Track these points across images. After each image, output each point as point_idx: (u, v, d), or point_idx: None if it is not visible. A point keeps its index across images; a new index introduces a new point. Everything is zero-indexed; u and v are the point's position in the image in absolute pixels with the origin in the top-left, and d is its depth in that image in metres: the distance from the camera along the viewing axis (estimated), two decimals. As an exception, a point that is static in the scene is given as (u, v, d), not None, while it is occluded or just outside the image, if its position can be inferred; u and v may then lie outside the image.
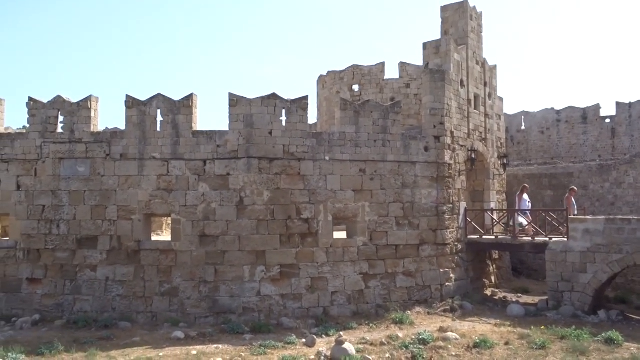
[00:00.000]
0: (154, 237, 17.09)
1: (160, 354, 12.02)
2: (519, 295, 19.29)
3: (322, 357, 11.86)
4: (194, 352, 12.12)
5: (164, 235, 18.52)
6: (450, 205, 17.97)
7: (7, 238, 16.58)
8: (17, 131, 18.04)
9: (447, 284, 17.38)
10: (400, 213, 16.92)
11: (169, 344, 12.98)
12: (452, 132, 18.36)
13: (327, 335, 13.80)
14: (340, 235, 16.95)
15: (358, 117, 16.62)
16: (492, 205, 20.99)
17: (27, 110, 16.26)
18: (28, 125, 16.45)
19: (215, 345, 12.81)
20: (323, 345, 12.76)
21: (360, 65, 26.92)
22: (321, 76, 29.08)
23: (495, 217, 19.62)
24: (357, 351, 12.08)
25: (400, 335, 13.50)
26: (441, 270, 17.36)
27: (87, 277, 15.63)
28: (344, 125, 16.51)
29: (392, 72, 26.59)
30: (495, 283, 20.59)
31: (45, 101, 16.26)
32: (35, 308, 15.55)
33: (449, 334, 13.40)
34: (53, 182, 15.99)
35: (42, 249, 15.85)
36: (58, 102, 16.20)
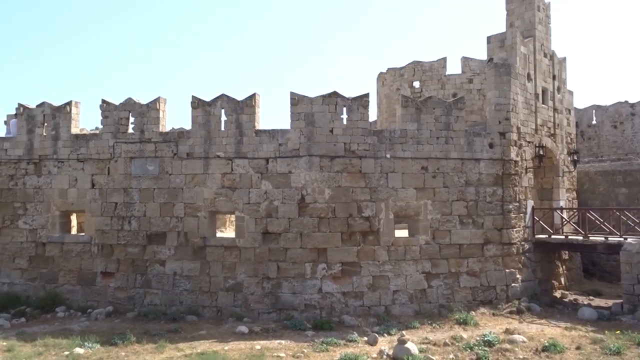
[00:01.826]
0: (218, 234, 17.55)
1: (226, 348, 12.33)
2: (591, 298, 18.43)
3: (384, 356, 11.80)
4: (258, 347, 12.35)
5: (227, 232, 18.99)
6: (517, 204, 17.39)
7: (83, 233, 17.52)
8: (91, 132, 18.98)
9: (513, 284, 16.84)
10: (464, 211, 16.54)
11: (234, 338, 13.30)
12: (518, 128, 17.75)
13: (389, 334, 13.70)
14: (402, 233, 16.78)
15: (420, 114, 16.38)
16: (562, 203, 20.13)
17: (100, 111, 17.10)
18: (101, 126, 17.28)
19: (278, 341, 13.00)
20: (385, 344, 12.69)
21: (420, 61, 26.52)
22: (381, 73, 28.87)
23: (565, 215, 18.81)
24: (420, 351, 11.94)
25: (465, 336, 13.22)
26: (507, 270, 16.83)
27: (157, 272, 16.27)
28: (405, 122, 16.32)
29: (453, 68, 26.06)
30: (564, 285, 19.75)
31: (117, 103, 17.04)
32: (108, 300, 16.35)
33: (516, 336, 12.99)
34: (124, 181, 16.74)
35: (115, 244, 16.64)
36: (129, 104, 16.93)
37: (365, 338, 13.24)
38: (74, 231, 17.99)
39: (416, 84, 26.56)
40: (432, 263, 16.10)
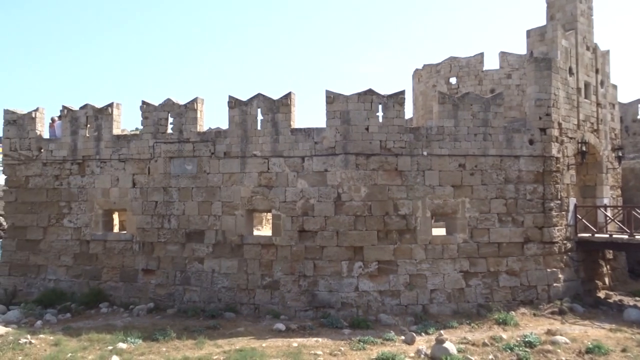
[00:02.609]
0: (255, 232, 17.72)
1: (263, 345, 12.45)
2: (637, 298, 17.79)
3: (422, 355, 11.70)
4: (295, 345, 12.43)
5: (263, 230, 19.16)
6: (558, 201, 16.93)
7: (125, 232, 17.98)
8: (131, 132, 19.43)
9: (554, 284, 16.41)
10: (503, 209, 16.22)
11: (271, 335, 13.43)
12: (559, 124, 17.28)
13: (427, 333, 13.59)
14: (439, 231, 16.58)
15: (457, 110, 16.14)
16: (606, 201, 19.49)
17: (140, 112, 17.49)
18: (141, 127, 17.68)
19: (315, 339, 13.05)
20: (422, 343, 12.59)
21: (457, 57, 26.13)
22: (417, 70, 28.59)
23: (609, 213, 18.21)
24: (459, 351, 11.80)
25: (504, 336, 12.99)
26: (548, 270, 16.42)
27: (195, 269, 16.56)
28: (442, 119, 16.11)
29: (491, 63, 25.59)
30: (609, 285, 19.12)
31: (156, 104, 17.40)
32: (149, 297, 16.74)
33: (558, 337, 12.68)
34: (164, 180, 17.09)
35: (155, 242, 17.01)
36: (168, 105, 17.27)
37: (403, 337, 13.16)
38: (116, 229, 18.48)
39: (453, 80, 26.20)
40: (470, 262, 15.85)
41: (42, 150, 18.48)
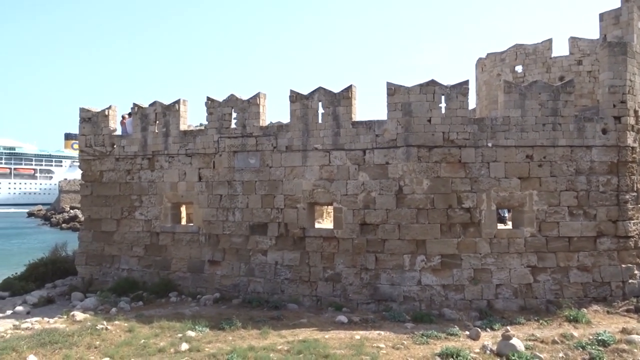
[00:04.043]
0: (317, 225, 17.88)
1: (326, 336, 12.57)
2: None
3: (488, 351, 11.44)
4: (357, 337, 12.48)
5: (324, 223, 19.29)
6: (634, 194, 16.03)
7: (192, 224, 18.63)
8: (196, 128, 20.04)
9: (630, 281, 15.57)
10: (574, 202, 15.54)
11: (333, 327, 13.53)
12: (635, 112, 16.32)
13: (492, 329, 13.29)
14: (505, 225, 16.11)
15: (524, 99, 15.57)
16: (688, 193, 18.23)
17: (205, 108, 18.02)
18: (206, 122, 18.20)
19: (377, 332, 13.04)
20: (488, 339, 12.30)
21: (523, 44, 25.16)
22: (480, 59, 27.77)
23: (691, 207, 17.03)
24: (526, 348, 11.46)
25: (576, 334, 12.48)
26: (623, 265, 15.60)
27: (259, 261, 16.92)
28: (508, 109, 15.60)
29: (560, 49, 24.48)
30: (691, 282, 17.92)
31: (220, 100, 17.85)
32: (215, 287, 17.28)
33: (634, 336, 12.03)
34: (228, 174, 17.54)
35: (220, 234, 17.52)
36: (231, 100, 17.68)
37: (467, 332, 12.92)
38: (183, 222, 19.17)
39: (518, 69, 25.26)
40: (538, 256, 15.32)
41: (115, 146, 19.42)
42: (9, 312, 16.30)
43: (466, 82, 15.59)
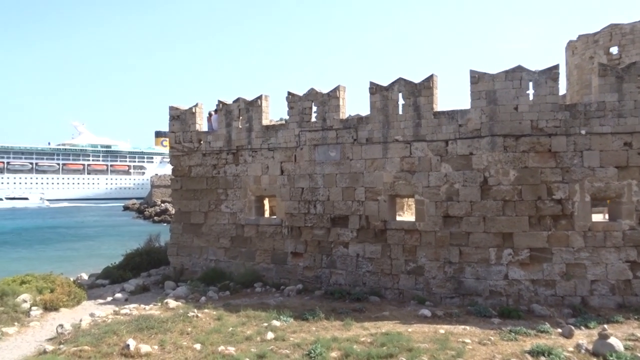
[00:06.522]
0: (398, 217, 17.70)
1: (409, 330, 12.44)
2: None
3: (583, 351, 10.83)
4: (442, 331, 12.24)
5: (405, 216, 19.06)
6: None
7: (275, 216, 19.07)
8: (277, 122, 20.45)
9: None
10: (680, 192, 14.32)
11: (416, 320, 13.37)
12: None
13: (587, 327, 12.56)
14: (600, 217, 15.14)
15: (621, 82, 14.51)
16: None
17: (286, 103, 18.33)
18: (287, 117, 18.53)
19: (463, 326, 12.73)
20: (582, 337, 11.65)
21: (619, 24, 23.47)
22: (570, 42, 26.21)
23: None
24: (626, 348, 10.72)
25: (683, 335, 11.51)
26: None
27: (340, 253, 17.04)
28: (604, 93, 14.60)
29: (663, 27, 22.52)
30: None
31: (301, 94, 18.09)
32: (298, 278, 17.61)
33: None
34: (309, 167, 17.77)
35: (302, 226, 17.80)
36: (311, 94, 17.87)
37: (559, 330, 12.30)
38: (267, 214, 19.67)
39: (613, 50, 23.64)
40: (638, 251, 14.28)
41: (202, 142, 20.25)
42: (109, 298, 17.57)
43: (556, 67, 14.75)
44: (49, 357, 10.62)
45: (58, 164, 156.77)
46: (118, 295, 17.75)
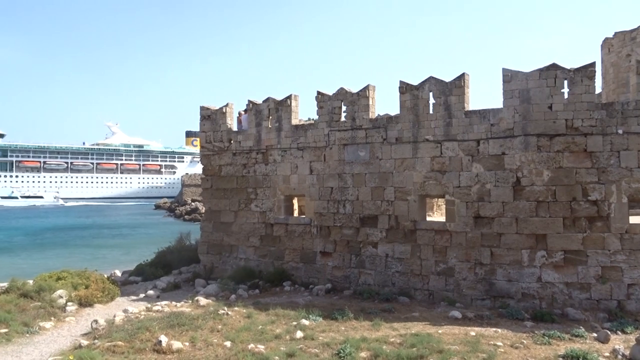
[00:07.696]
0: (428, 218, 17.53)
1: (439, 331, 12.31)
2: None
3: (619, 356, 10.53)
4: (472, 333, 12.07)
5: (434, 216, 18.87)
6: None
7: (304, 216, 19.12)
8: (306, 122, 20.50)
9: None
10: None
11: (447, 322, 13.22)
12: None
13: (623, 332, 12.25)
14: (638, 219, 14.71)
15: (661, 81, 14.07)
16: None
17: (315, 102, 18.36)
18: (316, 116, 18.55)
19: (494, 329, 12.53)
20: (619, 342, 11.34)
21: (659, 20, 22.71)
22: (606, 39, 25.51)
23: None
24: (665, 354, 10.37)
25: None
26: None
27: (369, 253, 16.97)
28: (642, 92, 14.19)
29: None
30: None
31: (330, 94, 18.09)
32: (327, 278, 17.62)
33: None
34: (338, 166, 17.76)
35: (331, 226, 17.80)
36: (341, 93, 17.85)
37: (594, 334, 11.99)
38: (296, 214, 19.73)
39: (652, 47, 22.88)
40: (678, 254, 13.82)
41: (232, 142, 20.44)
42: (142, 295, 17.91)
43: (592, 65, 14.39)
44: (84, 352, 10.87)
45: (92, 164, 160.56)
46: (150, 292, 18.08)
